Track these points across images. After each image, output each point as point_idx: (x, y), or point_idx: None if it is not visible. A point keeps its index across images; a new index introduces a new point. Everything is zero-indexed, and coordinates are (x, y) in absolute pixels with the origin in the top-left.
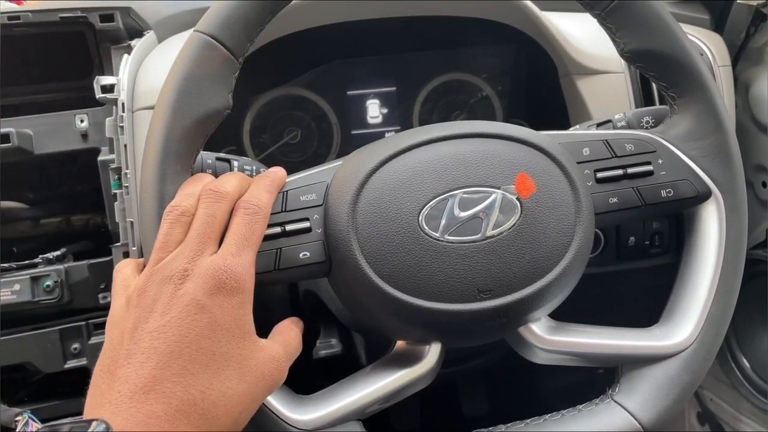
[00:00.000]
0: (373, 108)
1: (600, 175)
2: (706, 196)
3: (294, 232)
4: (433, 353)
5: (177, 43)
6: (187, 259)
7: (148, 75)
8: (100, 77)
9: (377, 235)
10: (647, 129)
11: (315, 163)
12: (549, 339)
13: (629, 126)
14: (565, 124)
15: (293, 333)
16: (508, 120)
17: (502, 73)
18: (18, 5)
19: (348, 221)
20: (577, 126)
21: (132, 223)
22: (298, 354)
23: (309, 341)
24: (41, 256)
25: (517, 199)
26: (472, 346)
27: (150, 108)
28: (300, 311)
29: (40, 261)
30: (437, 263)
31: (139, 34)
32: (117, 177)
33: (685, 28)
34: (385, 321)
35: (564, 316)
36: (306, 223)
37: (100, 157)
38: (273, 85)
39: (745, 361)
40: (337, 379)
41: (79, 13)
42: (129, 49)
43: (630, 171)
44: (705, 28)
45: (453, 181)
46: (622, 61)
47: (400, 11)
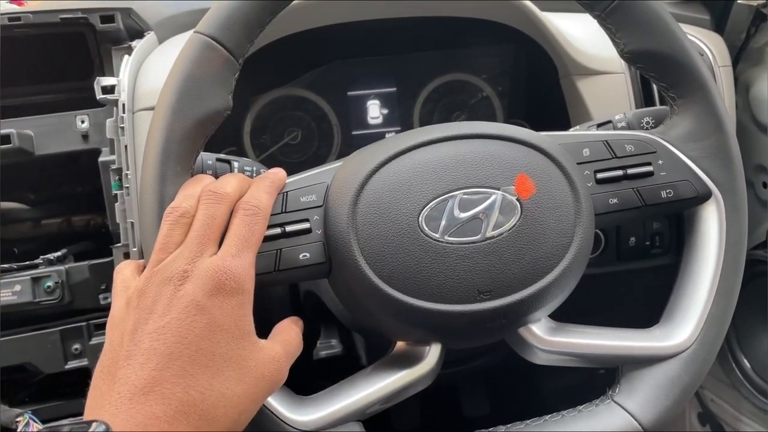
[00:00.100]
0: (374, 108)
1: (600, 175)
2: (707, 196)
3: (294, 233)
4: (433, 354)
5: (177, 44)
6: (187, 261)
7: (149, 76)
8: (101, 78)
9: (377, 235)
10: (647, 130)
11: (315, 163)
12: (549, 340)
13: (629, 127)
14: (565, 125)
15: (293, 332)
16: (508, 120)
17: (503, 73)
18: (18, 6)
19: (348, 222)
20: (578, 127)
21: (132, 223)
22: (299, 353)
23: (309, 342)
24: (42, 257)
25: (517, 200)
26: (473, 347)
27: (150, 109)
28: (300, 312)
29: (41, 262)
30: (437, 264)
31: (139, 35)
32: (117, 178)
33: (686, 28)
34: (385, 322)
35: (564, 316)
36: (306, 224)
37: (101, 158)
38: (273, 85)
39: (745, 361)
40: (338, 380)
41: (79, 14)
42: (129, 50)
43: (630, 172)
44: (705, 29)
45: (453, 181)
46: (623, 61)
47: (400, 12)
